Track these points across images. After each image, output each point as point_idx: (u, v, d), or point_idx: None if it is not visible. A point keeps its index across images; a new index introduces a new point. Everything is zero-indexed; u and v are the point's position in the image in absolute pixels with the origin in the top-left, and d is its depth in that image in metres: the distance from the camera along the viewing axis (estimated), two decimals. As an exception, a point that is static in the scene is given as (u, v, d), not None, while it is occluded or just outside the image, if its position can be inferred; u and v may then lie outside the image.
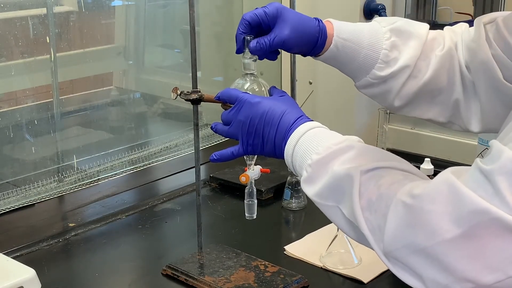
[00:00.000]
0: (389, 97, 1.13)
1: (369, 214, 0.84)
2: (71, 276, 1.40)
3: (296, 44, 1.11)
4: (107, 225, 1.59)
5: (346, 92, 1.99)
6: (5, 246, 1.45)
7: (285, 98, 1.05)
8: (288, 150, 0.97)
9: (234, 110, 1.03)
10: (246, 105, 1.02)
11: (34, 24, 1.80)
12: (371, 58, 1.11)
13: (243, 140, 1.02)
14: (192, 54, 1.25)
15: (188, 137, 2.04)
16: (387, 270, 1.35)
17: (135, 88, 2.32)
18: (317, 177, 0.92)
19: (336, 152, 0.92)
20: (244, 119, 1.01)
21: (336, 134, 0.97)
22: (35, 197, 1.68)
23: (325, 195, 0.91)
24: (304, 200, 1.67)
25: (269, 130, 1.00)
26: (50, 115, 1.86)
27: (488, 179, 0.72)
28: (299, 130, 0.97)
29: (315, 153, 0.93)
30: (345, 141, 0.93)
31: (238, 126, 1.02)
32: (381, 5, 1.91)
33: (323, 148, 0.92)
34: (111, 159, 1.87)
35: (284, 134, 0.98)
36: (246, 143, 1.02)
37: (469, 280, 0.74)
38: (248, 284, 1.26)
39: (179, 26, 2.30)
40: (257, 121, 1.00)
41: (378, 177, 0.86)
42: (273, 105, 1.01)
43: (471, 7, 2.72)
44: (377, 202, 0.83)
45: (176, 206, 1.70)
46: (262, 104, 1.01)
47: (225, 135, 1.05)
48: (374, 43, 1.11)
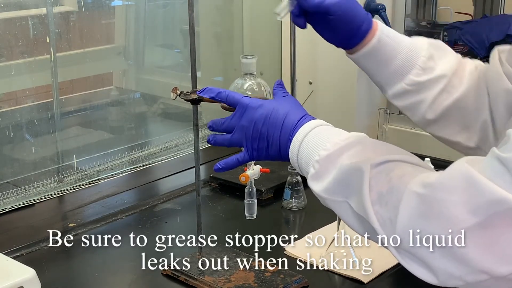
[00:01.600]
0: (422, 108, 1.11)
1: (379, 207, 0.83)
2: (71, 276, 1.39)
3: (339, 20, 1.06)
4: (107, 225, 1.59)
5: (346, 92, 2.00)
6: (5, 246, 1.45)
7: (287, 98, 1.03)
8: (294, 148, 0.96)
9: (236, 115, 1.02)
10: (249, 109, 1.00)
11: (34, 24, 1.80)
12: (409, 62, 1.10)
13: (247, 146, 1.01)
14: (191, 54, 1.25)
15: (188, 137, 2.04)
16: (387, 270, 1.35)
17: (135, 88, 2.32)
18: (325, 173, 0.91)
19: (344, 147, 0.91)
20: (247, 124, 1.00)
21: (342, 131, 0.96)
22: (35, 197, 1.68)
23: (333, 190, 0.90)
24: (304, 200, 1.67)
25: (274, 132, 0.98)
26: (50, 115, 1.86)
27: (507, 168, 0.71)
28: (304, 128, 0.96)
29: (323, 149, 0.92)
30: (353, 136, 0.93)
31: (241, 131, 1.01)
32: (381, 5, 1.91)
33: (331, 144, 0.92)
34: (111, 159, 1.87)
35: (289, 134, 0.97)
36: (251, 148, 1.01)
37: (483, 271, 0.73)
38: (248, 284, 1.26)
39: (179, 26, 2.30)
40: (261, 124, 0.99)
41: (388, 170, 0.85)
42: (275, 106, 1.00)
43: (471, 7, 2.72)
44: (387, 195, 0.82)
45: (176, 206, 1.70)
46: (264, 106, 1.00)
47: (227, 144, 1.03)
48: (413, 49, 1.11)
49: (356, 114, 1.99)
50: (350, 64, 1.92)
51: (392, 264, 1.36)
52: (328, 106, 2.05)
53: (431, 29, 2.44)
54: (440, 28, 2.41)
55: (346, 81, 1.99)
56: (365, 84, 1.98)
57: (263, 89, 1.19)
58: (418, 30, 2.45)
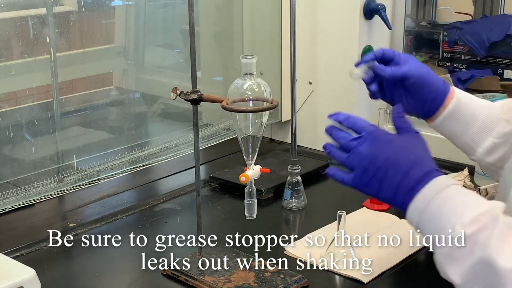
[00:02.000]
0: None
1: None
2: (71, 276, 1.39)
3: (417, 84, 1.09)
4: (107, 225, 1.59)
5: (346, 92, 1.99)
6: (5, 246, 1.45)
7: (418, 140, 0.97)
8: (418, 204, 0.90)
9: (358, 140, 0.97)
10: (374, 140, 0.95)
11: (34, 24, 1.80)
12: (492, 116, 1.10)
13: (356, 174, 0.96)
14: (191, 54, 1.25)
15: (188, 137, 2.04)
16: (387, 270, 1.35)
17: (135, 88, 2.32)
18: (463, 255, 0.84)
19: (483, 228, 0.84)
20: (367, 153, 0.95)
21: (476, 197, 0.90)
22: (35, 197, 1.68)
23: (471, 279, 0.84)
24: (304, 200, 1.67)
25: (394, 175, 0.92)
26: (50, 115, 1.86)
27: None
28: (435, 185, 0.90)
29: (460, 223, 0.85)
30: (490, 210, 0.86)
31: (357, 158, 0.96)
32: (381, 5, 1.91)
33: (470, 219, 0.85)
34: (111, 159, 1.87)
35: (414, 184, 0.91)
36: (359, 179, 0.96)
37: None
38: (248, 284, 1.26)
39: (179, 26, 2.30)
40: (382, 162, 0.93)
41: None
42: (405, 147, 0.94)
43: (471, 7, 2.72)
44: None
45: (176, 206, 1.70)
46: (393, 144, 0.94)
47: (339, 162, 0.99)
48: (491, 105, 1.12)
49: (356, 114, 1.98)
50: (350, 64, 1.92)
51: (392, 264, 1.36)
52: (328, 106, 2.04)
53: (431, 29, 2.44)
54: (440, 28, 2.41)
55: (346, 81, 1.99)
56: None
57: (263, 89, 1.19)
58: (418, 30, 2.46)
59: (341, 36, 1.97)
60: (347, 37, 1.95)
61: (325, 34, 2.01)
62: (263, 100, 1.18)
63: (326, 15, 2.00)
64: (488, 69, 2.29)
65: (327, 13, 2.00)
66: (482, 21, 2.39)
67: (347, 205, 1.59)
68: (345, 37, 1.96)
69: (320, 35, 2.02)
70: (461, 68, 2.37)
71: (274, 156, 1.99)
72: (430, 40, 2.41)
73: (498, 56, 2.28)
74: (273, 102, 1.18)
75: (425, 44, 2.44)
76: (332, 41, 1.99)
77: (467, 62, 2.36)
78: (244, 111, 1.18)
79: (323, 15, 2.01)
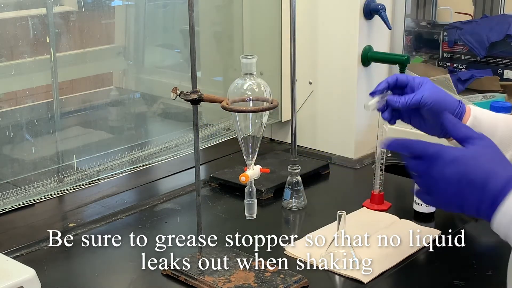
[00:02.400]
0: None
1: None
2: (71, 276, 1.39)
3: (433, 109, 1.10)
4: (107, 225, 1.59)
5: (346, 92, 2.00)
6: (5, 246, 1.45)
7: (485, 149, 0.91)
8: (501, 219, 0.86)
9: (423, 166, 0.92)
10: (439, 162, 0.90)
11: (34, 24, 1.80)
12: (510, 127, 1.10)
13: (434, 196, 0.92)
14: (191, 54, 1.25)
15: (188, 137, 2.04)
16: (387, 270, 1.35)
17: (135, 88, 2.32)
18: None
19: None
20: (437, 175, 0.90)
21: None
22: (35, 197, 1.67)
23: None
24: (304, 200, 1.67)
25: (469, 195, 0.88)
26: (50, 115, 1.86)
27: None
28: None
29: None
30: None
31: (428, 182, 0.91)
32: (381, 5, 1.91)
33: None
34: (111, 159, 1.87)
35: (494, 199, 0.86)
36: (437, 200, 0.92)
37: None
38: (248, 284, 1.26)
39: (179, 26, 2.30)
40: (454, 184, 0.88)
41: None
42: (473, 162, 0.88)
43: (471, 7, 2.73)
44: None
45: (176, 206, 1.70)
46: (459, 162, 0.89)
47: (416, 181, 0.95)
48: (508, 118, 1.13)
49: (356, 114, 1.99)
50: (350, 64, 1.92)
51: (392, 264, 1.36)
52: (328, 106, 2.05)
53: (431, 29, 2.44)
54: (440, 28, 2.41)
55: (346, 81, 1.99)
56: (365, 84, 1.98)
57: (263, 89, 1.19)
58: (418, 30, 2.46)
59: (341, 36, 1.97)
60: (347, 37, 1.95)
61: (325, 34, 2.01)
62: (263, 100, 1.19)
63: (326, 15, 2.00)
64: (488, 69, 2.29)
65: (327, 13, 2.00)
66: (482, 21, 2.39)
67: (347, 205, 1.59)
68: (345, 37, 1.96)
69: (320, 35, 2.02)
70: (461, 68, 2.37)
71: (274, 156, 1.99)
72: (430, 40, 2.41)
73: (498, 56, 2.28)
74: (273, 102, 1.18)
75: (425, 44, 2.44)
76: (332, 41, 2.00)
77: (467, 62, 2.36)
78: (244, 111, 1.18)
79: (323, 15, 2.01)
